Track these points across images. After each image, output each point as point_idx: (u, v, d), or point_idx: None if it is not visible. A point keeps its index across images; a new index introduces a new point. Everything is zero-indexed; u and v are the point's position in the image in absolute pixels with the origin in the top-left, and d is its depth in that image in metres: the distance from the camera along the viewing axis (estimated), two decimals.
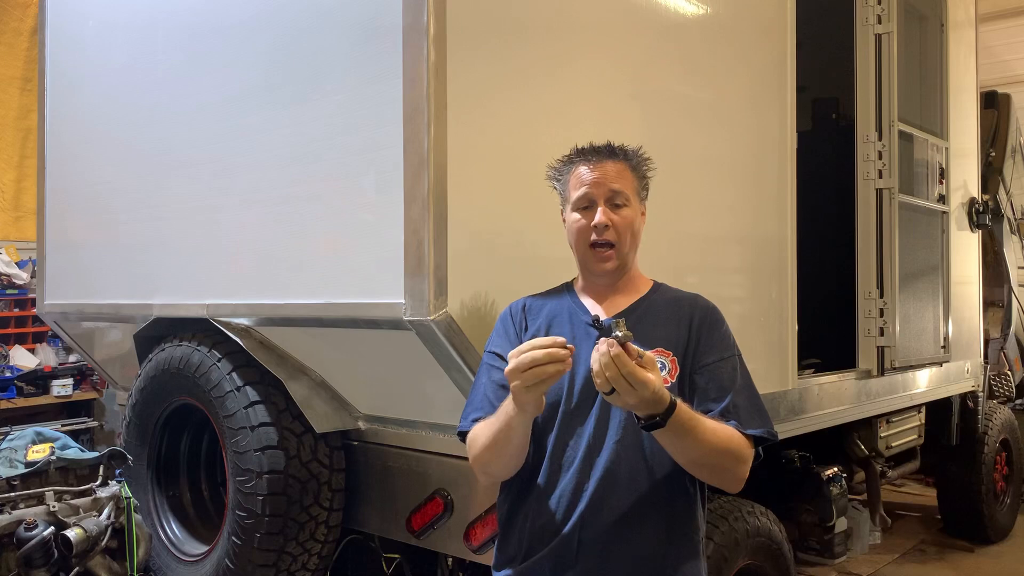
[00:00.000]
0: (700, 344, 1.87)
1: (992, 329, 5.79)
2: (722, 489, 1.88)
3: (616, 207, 1.87)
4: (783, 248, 3.55)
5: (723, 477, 1.80)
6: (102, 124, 3.79)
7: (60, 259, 4.11)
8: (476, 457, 1.86)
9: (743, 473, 1.80)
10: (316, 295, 2.77)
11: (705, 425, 1.71)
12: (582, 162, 1.92)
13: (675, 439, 1.68)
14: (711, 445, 1.71)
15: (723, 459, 1.76)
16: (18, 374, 5.85)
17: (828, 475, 3.89)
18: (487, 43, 2.51)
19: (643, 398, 1.57)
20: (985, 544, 5.53)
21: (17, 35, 6.83)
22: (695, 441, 1.69)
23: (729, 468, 1.78)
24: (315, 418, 2.93)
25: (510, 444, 1.77)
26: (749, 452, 1.80)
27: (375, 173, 2.58)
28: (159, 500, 3.46)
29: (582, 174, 1.90)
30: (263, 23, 3.01)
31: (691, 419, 1.68)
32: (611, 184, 1.87)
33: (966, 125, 5.06)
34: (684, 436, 1.67)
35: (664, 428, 1.63)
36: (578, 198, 1.89)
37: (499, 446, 1.78)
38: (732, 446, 1.75)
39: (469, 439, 1.88)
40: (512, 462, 1.83)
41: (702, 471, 1.80)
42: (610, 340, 1.55)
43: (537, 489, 1.84)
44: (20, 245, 6.48)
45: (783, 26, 3.58)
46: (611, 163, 1.89)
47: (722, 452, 1.74)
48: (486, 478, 1.97)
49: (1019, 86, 7.34)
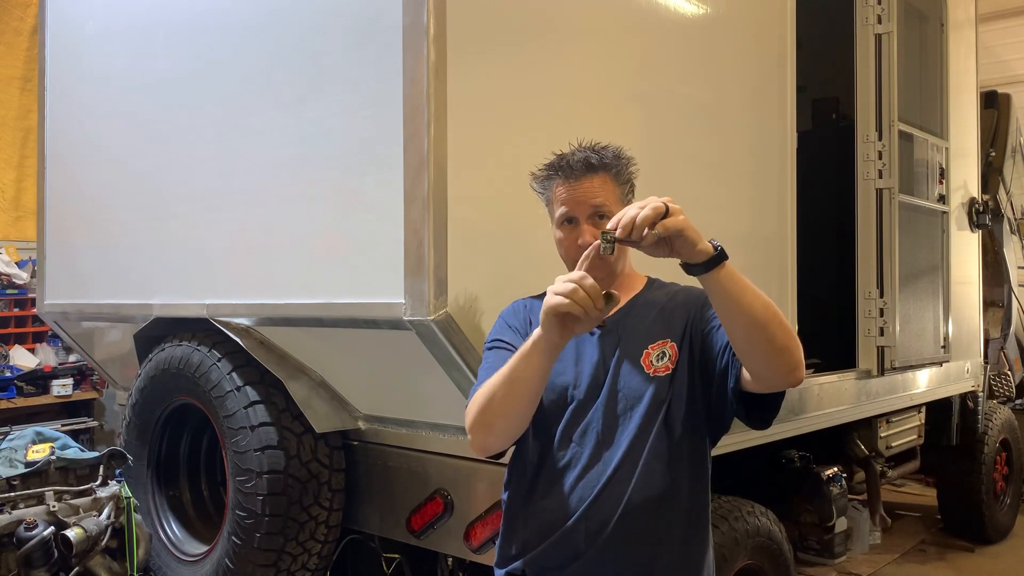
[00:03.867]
0: (700, 312, 1.83)
1: (992, 329, 5.79)
2: (782, 384, 1.70)
3: (599, 221, 1.84)
4: (783, 248, 3.55)
5: (783, 357, 1.62)
6: (102, 124, 3.79)
7: (60, 259, 4.11)
8: (481, 410, 1.73)
9: (800, 349, 1.64)
10: (316, 295, 2.77)
11: (746, 279, 1.60)
12: (561, 179, 1.86)
13: (732, 282, 1.57)
14: (762, 297, 1.59)
15: (778, 319, 1.60)
16: (18, 374, 5.86)
17: (828, 475, 3.89)
18: (487, 43, 2.51)
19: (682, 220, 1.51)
20: (985, 544, 5.53)
21: (17, 35, 6.83)
22: (750, 288, 1.58)
23: (786, 332, 1.61)
24: (315, 418, 2.93)
25: (526, 383, 1.66)
26: (788, 323, 1.64)
27: (375, 173, 2.58)
28: (159, 500, 3.47)
29: (561, 193, 1.86)
30: (263, 23, 3.01)
31: (733, 268, 1.58)
32: (592, 201, 1.84)
33: (966, 125, 5.06)
34: (740, 280, 1.57)
35: (724, 265, 1.55)
36: (559, 216, 1.87)
37: (514, 385, 1.66)
38: (775, 307, 1.61)
39: (472, 399, 1.78)
40: (522, 410, 1.72)
41: (761, 339, 1.61)
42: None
43: (544, 484, 1.84)
44: (20, 245, 6.48)
45: (783, 26, 3.59)
46: (589, 179, 1.84)
47: (773, 308, 1.60)
48: (485, 437, 1.79)
49: (1019, 86, 7.35)
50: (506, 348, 1.86)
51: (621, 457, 1.78)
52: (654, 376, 1.81)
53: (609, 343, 1.85)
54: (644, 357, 1.82)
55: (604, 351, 1.85)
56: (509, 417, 1.74)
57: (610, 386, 1.82)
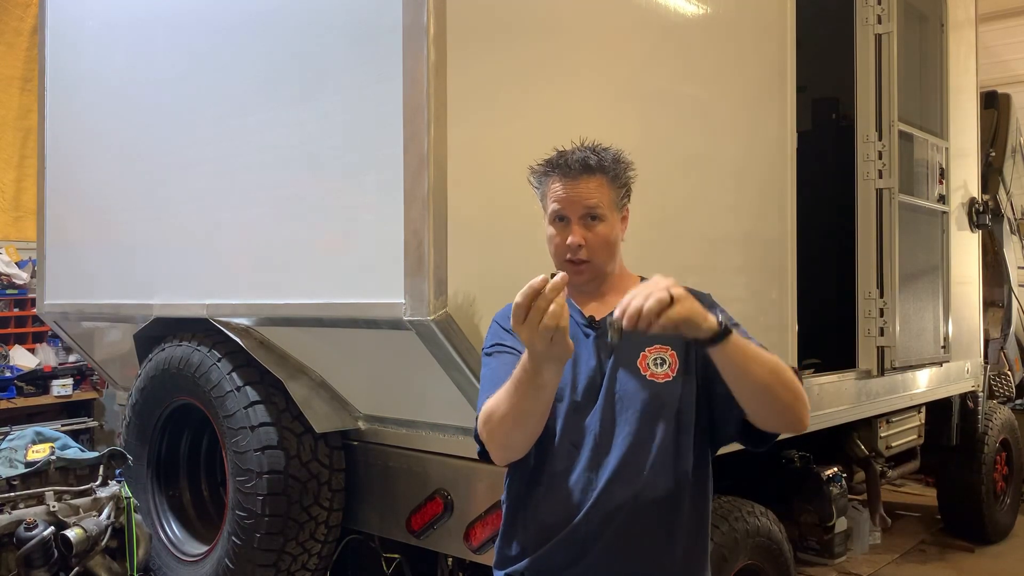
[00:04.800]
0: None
1: (992, 329, 5.79)
2: (785, 432, 1.78)
3: (591, 223, 1.84)
4: (783, 248, 3.55)
5: (786, 415, 1.70)
6: (102, 124, 3.79)
7: (60, 259, 4.11)
8: (496, 427, 1.73)
9: (805, 405, 1.70)
10: (316, 295, 2.77)
11: (752, 347, 1.65)
12: (558, 176, 1.86)
13: (737, 354, 1.61)
14: (768, 364, 1.65)
15: (782, 380, 1.67)
16: (18, 374, 5.86)
17: (828, 475, 3.89)
18: (487, 43, 2.51)
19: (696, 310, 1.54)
20: (985, 544, 5.52)
21: (17, 35, 6.83)
22: (755, 358, 1.63)
23: (790, 387, 1.68)
24: (315, 418, 2.93)
25: (539, 399, 1.67)
26: (799, 383, 1.71)
27: (375, 173, 2.58)
28: (159, 500, 3.47)
29: (557, 190, 1.85)
30: (263, 23, 3.01)
31: (740, 338, 1.62)
32: (585, 202, 1.83)
33: (966, 125, 5.06)
34: (745, 350, 1.61)
35: (728, 340, 1.58)
36: (552, 214, 1.86)
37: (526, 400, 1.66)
38: (780, 367, 1.67)
39: (484, 413, 1.76)
40: (540, 422, 1.74)
41: (765, 401, 1.68)
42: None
43: (543, 487, 1.83)
44: (20, 245, 6.48)
45: (783, 26, 3.58)
46: (586, 180, 1.84)
47: (779, 372, 1.66)
48: (506, 452, 1.80)
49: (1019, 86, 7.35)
50: (508, 352, 1.85)
51: (620, 461, 1.77)
52: (652, 381, 1.80)
53: (604, 347, 1.84)
54: (640, 360, 1.82)
55: (599, 354, 1.84)
56: (535, 422, 1.74)
57: (607, 389, 1.81)
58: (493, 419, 1.73)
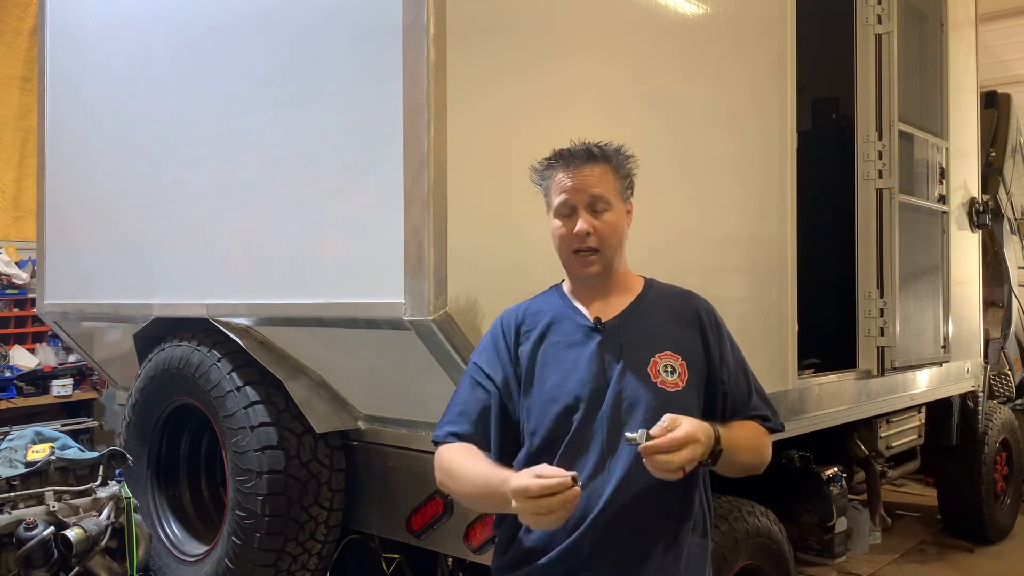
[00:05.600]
0: (713, 353, 1.90)
1: (992, 329, 5.79)
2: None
3: (597, 212, 1.84)
4: (783, 248, 3.55)
5: (757, 470, 1.93)
6: (102, 124, 3.79)
7: (60, 259, 4.11)
8: (444, 482, 1.86)
9: (768, 460, 1.94)
10: (316, 295, 2.77)
11: (738, 433, 1.80)
12: (561, 167, 1.87)
13: (730, 457, 1.75)
14: (751, 449, 1.86)
15: (759, 457, 1.90)
16: (18, 374, 5.85)
17: (828, 475, 3.89)
18: (487, 43, 2.51)
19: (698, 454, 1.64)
20: (985, 544, 5.52)
21: (17, 35, 6.83)
22: (742, 452, 1.81)
23: (763, 460, 1.92)
24: (315, 418, 2.93)
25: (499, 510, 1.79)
26: (769, 441, 1.94)
27: (375, 173, 2.58)
28: (159, 500, 3.46)
29: (562, 180, 1.85)
30: (263, 23, 3.01)
31: (729, 435, 1.75)
32: (591, 189, 1.83)
33: (966, 125, 5.06)
34: (734, 452, 1.76)
35: (720, 457, 1.71)
36: (559, 205, 1.86)
37: (486, 506, 1.89)
38: (759, 443, 1.90)
39: (445, 461, 1.85)
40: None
41: (741, 471, 1.89)
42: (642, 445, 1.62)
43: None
44: (20, 245, 6.48)
45: (783, 26, 3.58)
46: (591, 167, 1.85)
47: (758, 451, 1.89)
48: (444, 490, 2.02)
49: (1019, 86, 7.34)
50: (480, 385, 1.91)
51: (627, 467, 1.75)
52: (662, 389, 1.79)
53: (610, 350, 1.83)
54: (651, 366, 1.81)
55: (604, 358, 1.82)
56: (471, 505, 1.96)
57: (614, 394, 1.79)
58: (449, 483, 1.84)
